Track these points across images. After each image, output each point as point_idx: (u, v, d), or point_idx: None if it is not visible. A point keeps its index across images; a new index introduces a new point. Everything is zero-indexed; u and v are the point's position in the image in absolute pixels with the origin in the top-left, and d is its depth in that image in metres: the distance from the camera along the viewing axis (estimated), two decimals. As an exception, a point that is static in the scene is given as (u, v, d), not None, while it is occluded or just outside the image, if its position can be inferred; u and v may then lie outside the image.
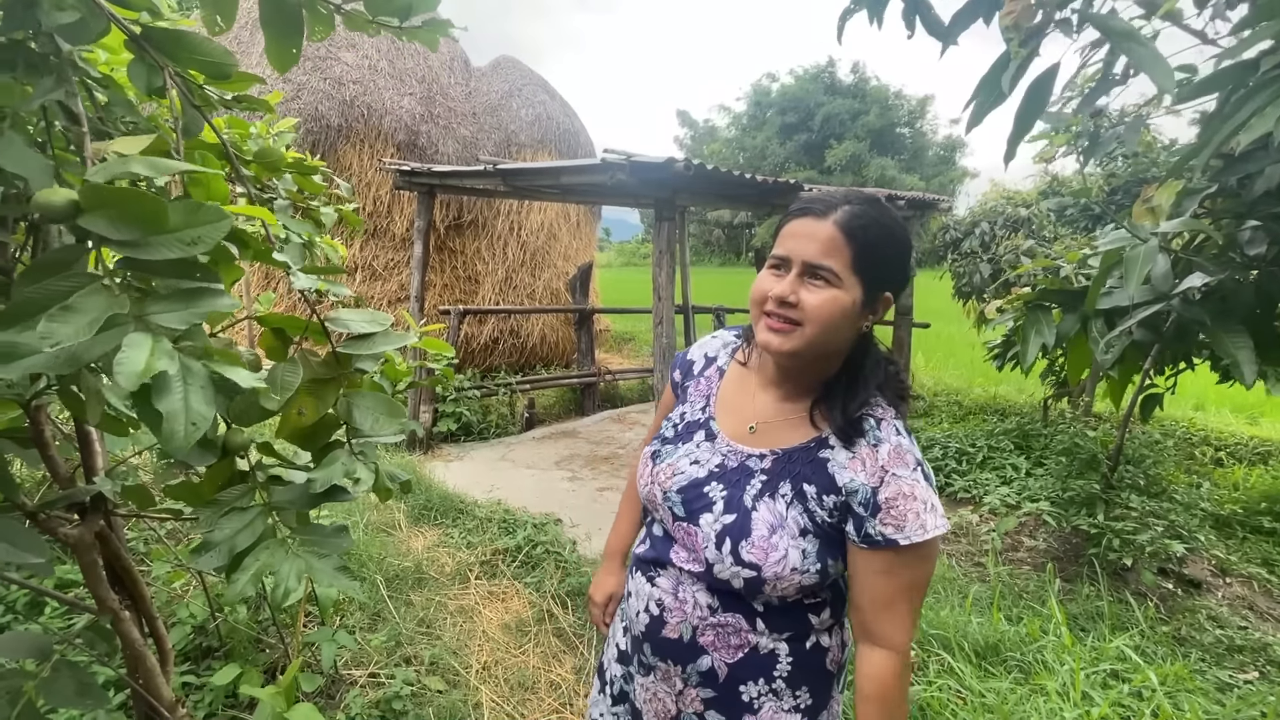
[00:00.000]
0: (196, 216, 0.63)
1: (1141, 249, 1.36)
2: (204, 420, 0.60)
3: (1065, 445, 3.18)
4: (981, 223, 4.39)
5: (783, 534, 0.88)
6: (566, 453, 5.11)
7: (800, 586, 0.88)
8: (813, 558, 0.88)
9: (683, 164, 2.49)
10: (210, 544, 0.87)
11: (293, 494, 0.98)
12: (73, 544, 1.16)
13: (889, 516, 0.84)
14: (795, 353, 0.87)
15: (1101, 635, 2.46)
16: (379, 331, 0.93)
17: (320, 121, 5.79)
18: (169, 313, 0.63)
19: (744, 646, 0.93)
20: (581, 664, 2.51)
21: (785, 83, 37.44)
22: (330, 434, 0.96)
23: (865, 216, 0.85)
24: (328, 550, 0.94)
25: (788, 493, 0.90)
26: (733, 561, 0.89)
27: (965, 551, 3.48)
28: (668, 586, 0.98)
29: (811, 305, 0.85)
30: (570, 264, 7.62)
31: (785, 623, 0.93)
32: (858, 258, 0.85)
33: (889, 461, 0.86)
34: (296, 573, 0.88)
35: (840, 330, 0.87)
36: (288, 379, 0.85)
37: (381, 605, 2.74)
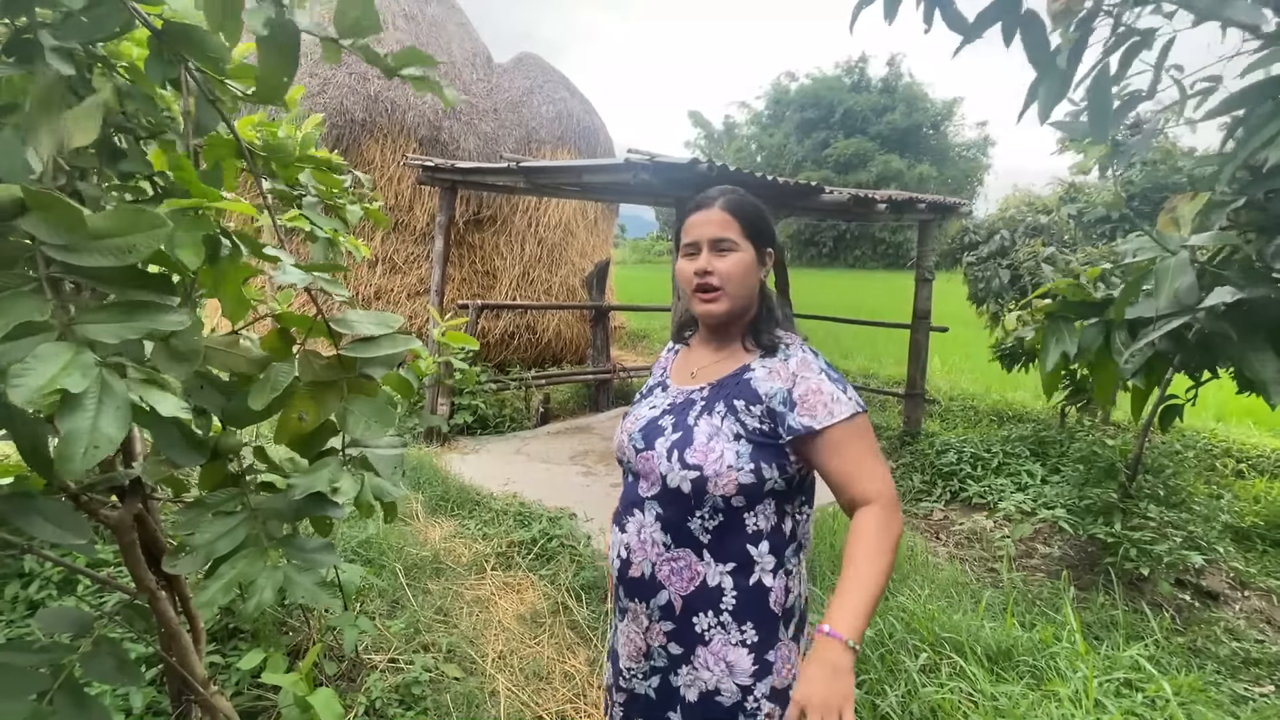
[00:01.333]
0: (133, 223, 0.59)
1: (1172, 261, 1.37)
2: (109, 444, 0.55)
3: (1083, 453, 3.16)
4: (1001, 230, 4.36)
5: (719, 439, 1.07)
6: (581, 448, 5.16)
7: (738, 484, 1.05)
8: (745, 457, 1.06)
9: (706, 165, 2.50)
10: (189, 547, 0.86)
11: (280, 502, 0.96)
12: (113, 525, 1.21)
13: (803, 409, 1.06)
14: (728, 310, 1.14)
15: (1116, 644, 2.45)
16: (385, 334, 0.89)
17: (345, 116, 5.86)
18: (102, 325, 0.59)
19: (694, 579, 1.09)
20: (595, 656, 2.55)
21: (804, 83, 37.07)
22: (328, 440, 0.94)
23: (741, 199, 1.15)
24: (309, 564, 0.92)
25: (722, 409, 1.10)
26: (680, 467, 1.08)
27: (979, 557, 3.48)
28: (633, 530, 1.15)
29: (725, 268, 1.12)
30: (587, 260, 7.66)
31: (728, 551, 1.09)
32: (744, 226, 1.13)
33: (797, 368, 1.10)
34: (273, 584, 0.86)
35: (749, 282, 1.14)
36: (279, 379, 0.83)
37: (400, 593, 2.79)
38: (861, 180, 30.64)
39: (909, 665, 2.10)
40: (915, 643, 2.27)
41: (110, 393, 0.56)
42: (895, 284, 15.41)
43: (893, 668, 2.13)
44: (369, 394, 0.91)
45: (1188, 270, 1.41)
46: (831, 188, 3.56)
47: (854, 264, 31.28)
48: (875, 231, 30.28)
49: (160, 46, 0.85)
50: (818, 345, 1.29)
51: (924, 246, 4.78)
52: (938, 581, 2.96)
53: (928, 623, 2.35)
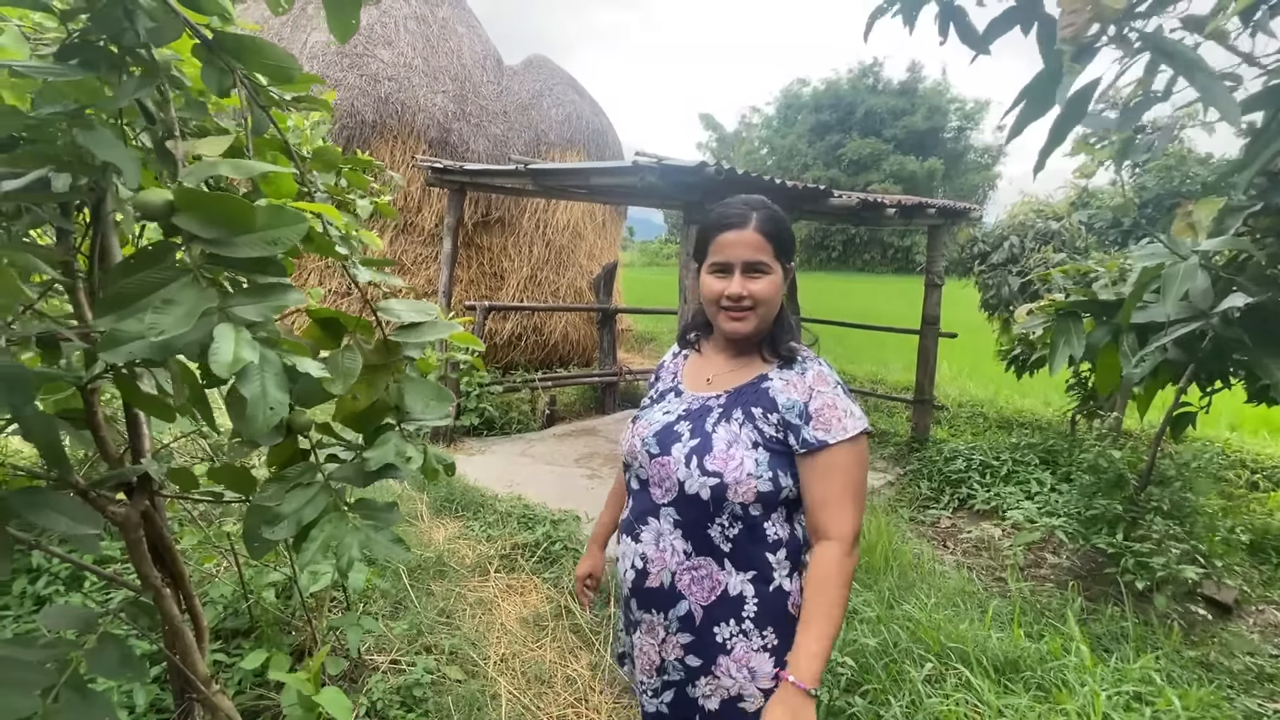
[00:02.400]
0: (279, 218, 0.67)
1: (1181, 266, 1.35)
2: (280, 405, 0.65)
3: (1092, 463, 3.12)
4: (1011, 237, 4.31)
5: (738, 446, 1.08)
6: (586, 450, 5.15)
7: (757, 492, 1.06)
8: (764, 465, 1.07)
9: (714, 168, 2.49)
10: (279, 516, 0.92)
11: (349, 472, 1.03)
12: (120, 522, 1.22)
13: (818, 423, 1.07)
14: (756, 329, 1.15)
15: (1125, 656, 2.42)
16: (426, 321, 0.98)
17: (355, 117, 5.91)
18: (248, 305, 0.67)
19: (716, 588, 1.10)
20: (598, 660, 2.54)
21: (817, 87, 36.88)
22: (382, 418, 1.02)
23: (771, 218, 1.13)
24: (382, 523, 0.99)
25: (740, 416, 1.11)
26: (700, 474, 1.08)
27: (986, 565, 3.44)
28: (649, 539, 1.15)
29: (760, 292, 1.12)
30: (595, 263, 7.66)
31: (749, 560, 1.10)
32: (776, 248, 1.13)
33: (814, 382, 1.11)
34: (359, 544, 0.94)
35: (777, 300, 1.15)
36: (349, 365, 0.90)
37: (404, 594, 2.80)
38: (872, 180, 30.49)
39: (914, 675, 2.08)
40: (921, 652, 2.24)
41: (268, 362, 0.65)
42: (904, 288, 15.34)
43: (897, 677, 2.11)
44: (422, 374, 1.02)
45: (1199, 275, 1.39)
46: (840, 191, 3.54)
47: (863, 268, 31.16)
48: (885, 236, 30.15)
49: (211, 56, 0.89)
50: (825, 350, 1.29)
51: (934, 252, 4.74)
52: (944, 590, 2.93)
53: (934, 632, 2.33)
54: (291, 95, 1.21)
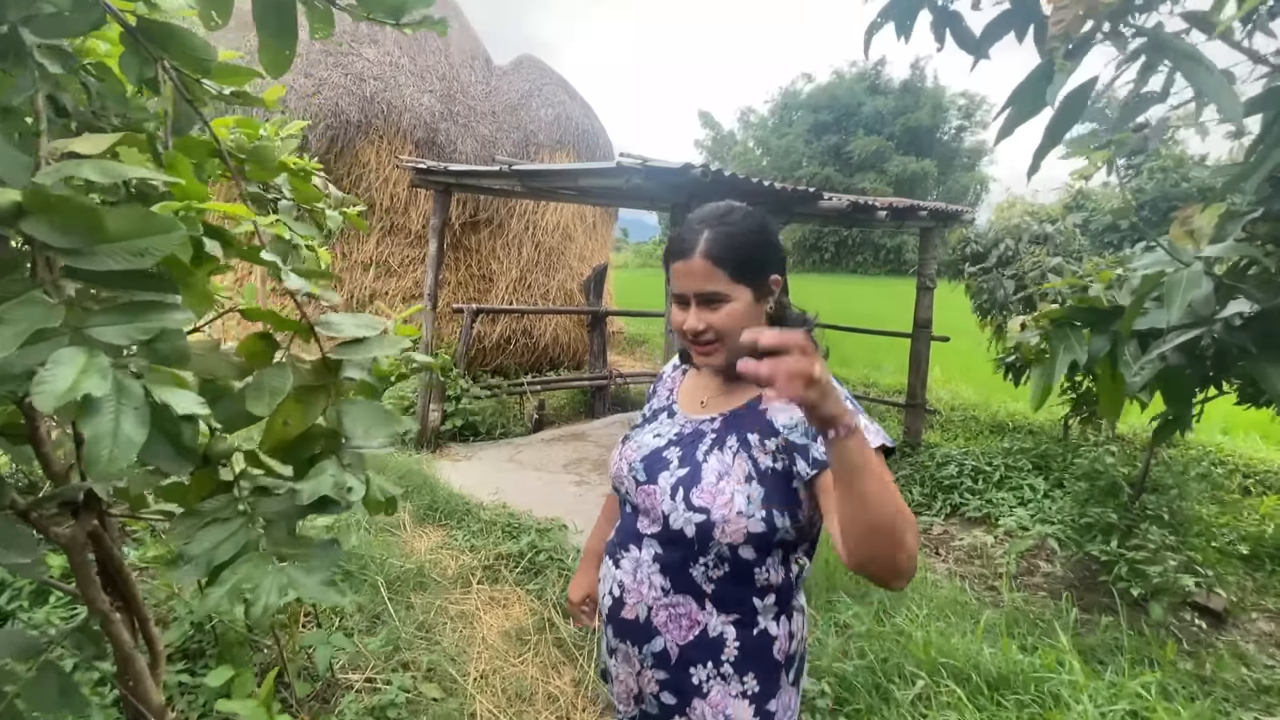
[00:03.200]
0: (145, 225, 0.59)
1: (1185, 273, 1.29)
2: (132, 445, 0.56)
3: (1085, 470, 3.07)
4: (1005, 239, 4.27)
5: (729, 480, 0.96)
6: (575, 456, 5.07)
7: (747, 533, 0.94)
8: (757, 503, 0.95)
9: (699, 170, 2.43)
10: (187, 556, 0.82)
11: (280, 505, 0.93)
12: (64, 543, 1.14)
13: None
14: (727, 361, 1.00)
15: (1120, 669, 2.36)
16: (371, 336, 0.89)
17: (340, 117, 5.80)
18: (111, 327, 0.59)
19: (694, 627, 1.00)
20: (581, 676, 2.46)
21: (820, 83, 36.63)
22: (316, 446, 0.92)
23: (722, 236, 0.98)
24: (316, 565, 0.88)
25: (734, 444, 1.00)
26: (685, 508, 0.97)
27: (978, 574, 3.39)
28: (628, 568, 1.06)
29: (718, 323, 0.98)
30: (585, 265, 7.59)
31: (731, 603, 0.99)
32: (732, 271, 0.97)
33: None
34: (278, 586, 0.83)
35: (749, 326, 0.96)
36: (276, 384, 0.81)
37: (381, 608, 2.71)
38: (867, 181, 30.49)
39: (898, 695, 2.01)
40: (911, 669, 2.18)
41: (128, 394, 0.56)
42: (896, 290, 15.34)
43: (886, 696, 2.04)
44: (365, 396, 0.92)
45: (1202, 282, 1.33)
46: (830, 194, 3.48)
47: (855, 270, 31.21)
48: (877, 238, 30.20)
49: (135, 44, 0.82)
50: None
51: (925, 254, 4.70)
52: (936, 600, 2.87)
53: (925, 647, 2.26)
54: (230, 90, 1.13)
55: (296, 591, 0.82)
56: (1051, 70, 1.25)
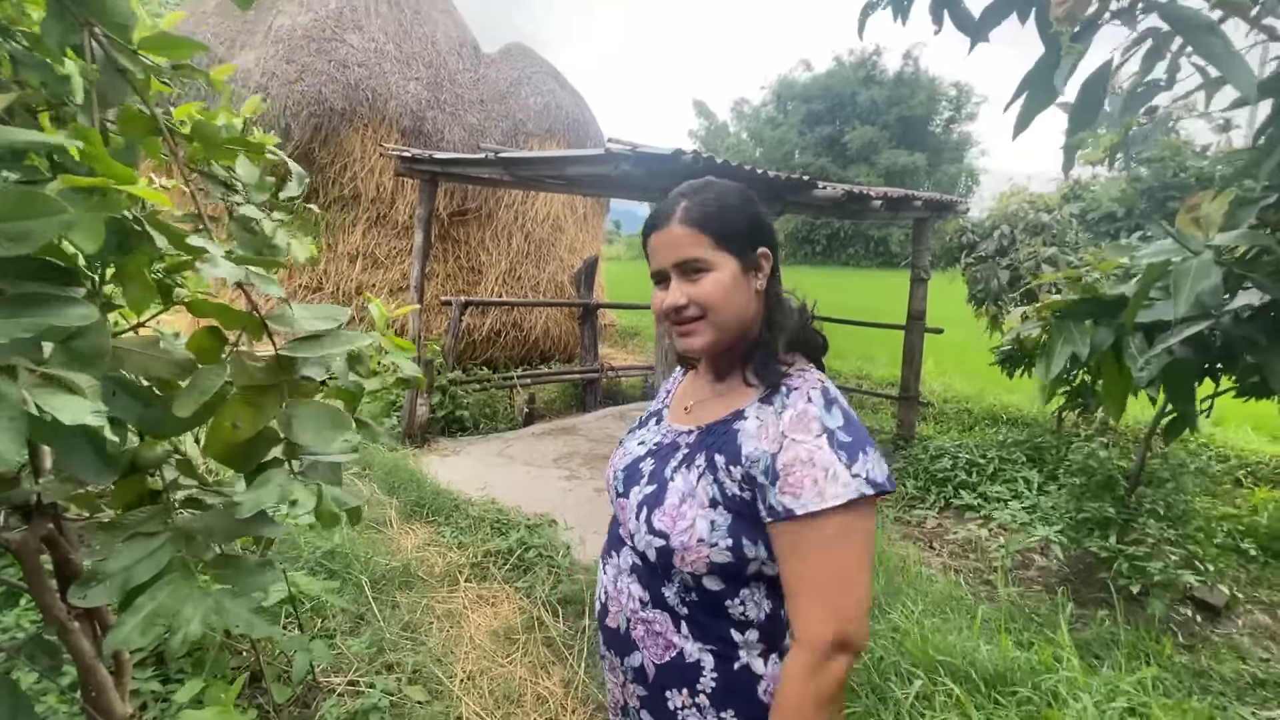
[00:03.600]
0: (27, 207, 0.53)
1: (1194, 262, 1.23)
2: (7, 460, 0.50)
3: (1080, 464, 3.04)
4: (1001, 226, 4.22)
5: (692, 503, 0.88)
6: (565, 450, 5.01)
7: (710, 563, 0.86)
8: (722, 531, 0.85)
9: (690, 156, 2.35)
10: (99, 575, 0.73)
11: (214, 520, 0.86)
12: (15, 549, 1.07)
13: (786, 484, 0.81)
14: (714, 341, 0.92)
15: (1117, 664, 2.33)
16: (329, 331, 0.81)
17: (324, 105, 5.67)
18: None
19: (670, 649, 0.92)
20: (570, 676, 2.40)
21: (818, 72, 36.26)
22: (267, 451, 0.84)
23: (701, 203, 0.91)
24: (246, 588, 0.82)
25: (701, 464, 0.90)
26: (646, 530, 0.90)
27: (974, 568, 3.36)
28: (610, 575, 1.00)
29: (702, 295, 0.89)
30: (576, 257, 7.50)
31: (708, 632, 0.90)
32: (715, 237, 0.89)
33: (789, 426, 0.84)
34: (202, 615, 0.76)
35: (736, 301, 0.91)
36: (207, 383, 0.74)
37: (365, 608, 2.64)
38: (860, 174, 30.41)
39: (897, 695, 1.97)
40: (908, 667, 2.14)
41: (3, 400, 0.51)
42: (888, 282, 15.34)
43: (883, 696, 2.00)
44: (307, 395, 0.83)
45: (1212, 272, 1.27)
46: (825, 183, 3.41)
47: (847, 262, 31.17)
48: (867, 230, 30.17)
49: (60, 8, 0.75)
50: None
51: (919, 245, 4.65)
52: (931, 595, 2.83)
53: (921, 644, 2.22)
54: (171, 64, 1.03)
55: (223, 621, 0.75)
56: (1059, 55, 1.19)
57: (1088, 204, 4.12)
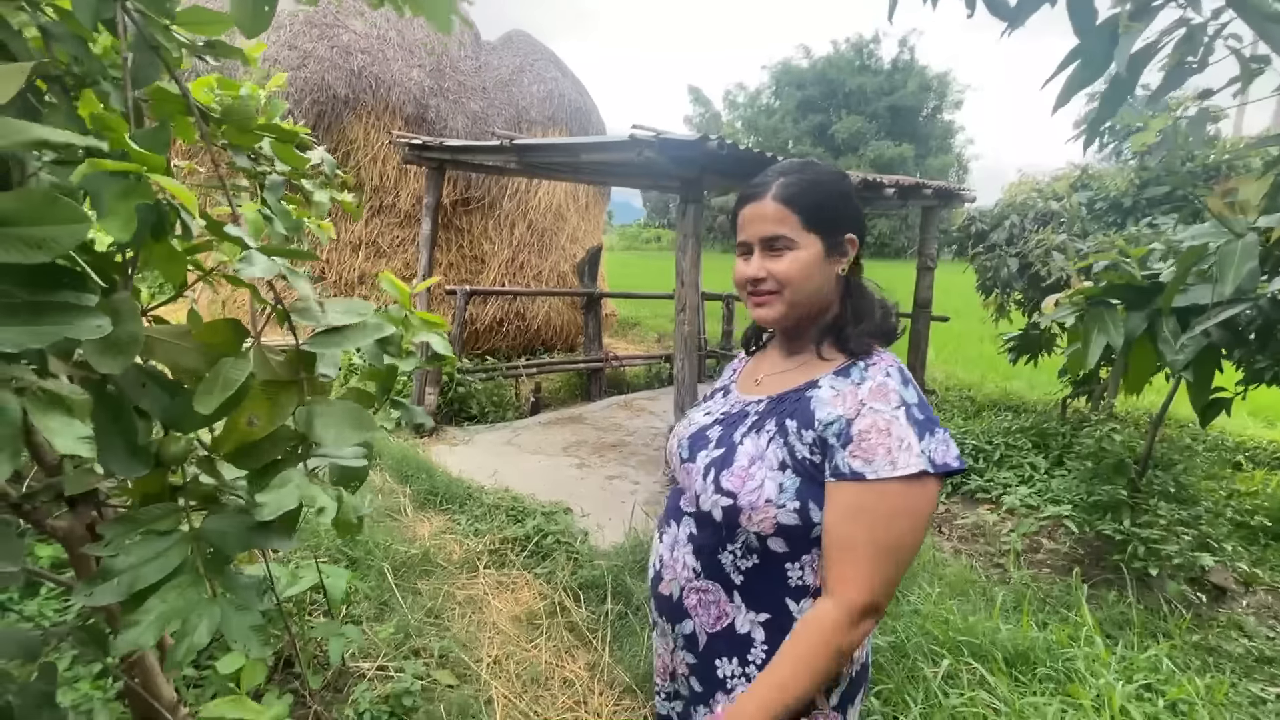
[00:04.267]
0: (48, 213, 0.51)
1: (1239, 244, 1.25)
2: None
3: (1091, 449, 3.08)
4: (1011, 215, 4.25)
5: (761, 465, 0.90)
6: (573, 439, 5.02)
7: (777, 524, 0.88)
8: (790, 493, 0.87)
9: (715, 141, 2.35)
10: (109, 572, 0.69)
11: (228, 523, 0.80)
12: (61, 536, 1.07)
13: (859, 449, 0.83)
14: (784, 315, 0.95)
15: (1130, 644, 2.39)
16: (354, 324, 0.78)
17: (326, 92, 5.61)
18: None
19: (722, 618, 0.94)
20: (595, 660, 2.43)
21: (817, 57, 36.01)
22: (280, 450, 0.79)
23: (798, 182, 0.94)
24: (245, 602, 0.77)
25: (772, 428, 0.92)
26: (714, 490, 0.92)
27: (984, 552, 3.41)
28: (668, 543, 1.02)
29: (780, 271, 0.93)
30: (578, 246, 7.48)
31: (762, 600, 0.92)
32: (805, 218, 0.92)
33: (869, 396, 0.87)
34: (210, 624, 0.71)
35: (815, 281, 0.94)
36: (231, 375, 0.70)
37: (389, 595, 2.65)
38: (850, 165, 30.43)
39: (927, 673, 2.01)
40: (933, 647, 2.18)
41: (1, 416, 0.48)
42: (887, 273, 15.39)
43: (911, 674, 2.04)
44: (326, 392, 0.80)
45: (1255, 254, 1.29)
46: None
47: (843, 253, 31.24)
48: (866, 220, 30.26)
49: None
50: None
51: (927, 234, 4.67)
52: (946, 578, 2.88)
53: (943, 625, 2.27)
54: (204, 40, 1.01)
55: (224, 632, 0.72)
56: (1114, 31, 1.20)
57: (1095, 192, 4.14)
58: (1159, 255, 1.68)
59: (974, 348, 8.36)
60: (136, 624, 0.68)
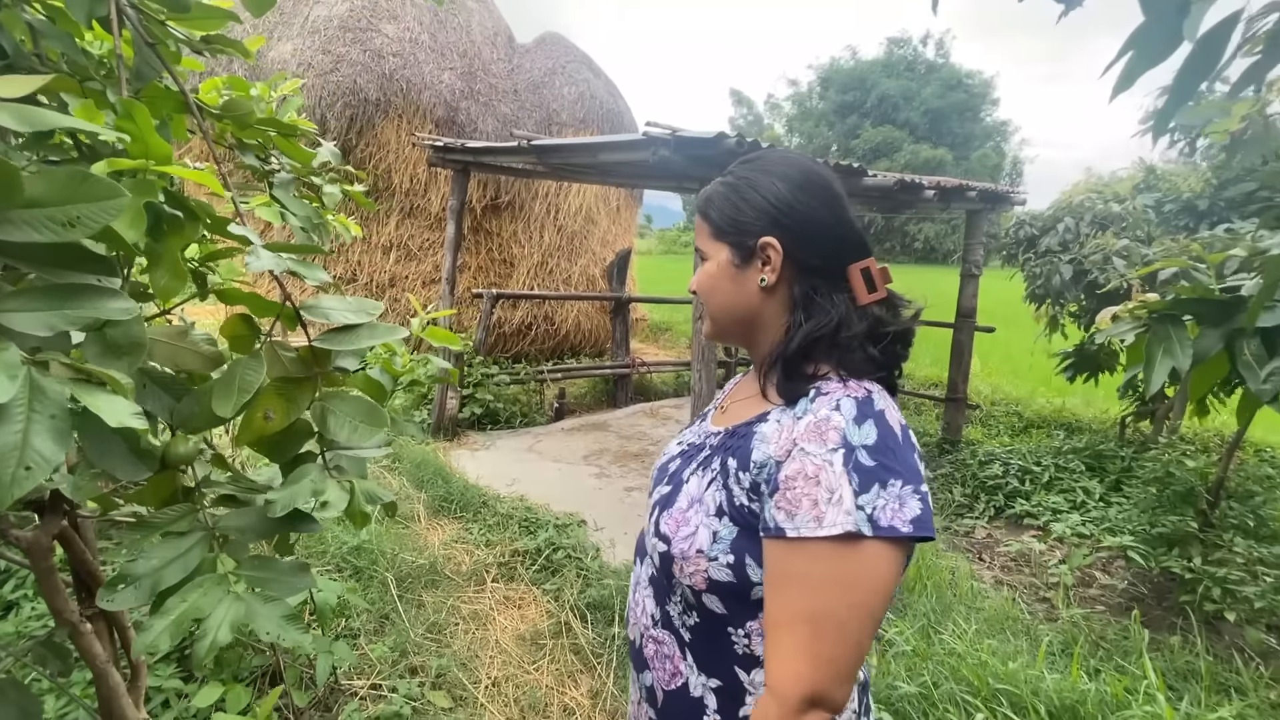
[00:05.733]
0: (78, 190, 0.50)
1: (1349, 252, 1.03)
2: (44, 465, 0.46)
3: (1157, 474, 2.79)
4: (1065, 218, 3.93)
5: (698, 509, 0.78)
6: (596, 447, 4.91)
7: (709, 579, 0.75)
8: (724, 545, 0.74)
9: (734, 140, 2.20)
10: (129, 577, 0.71)
11: (247, 519, 0.82)
12: (26, 547, 1.01)
13: (784, 499, 0.68)
14: (711, 332, 0.88)
15: (1197, 699, 2.12)
16: (364, 323, 0.79)
17: (358, 95, 5.66)
18: (28, 313, 0.50)
19: (677, 676, 0.82)
20: (599, 687, 2.30)
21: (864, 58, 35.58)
22: (302, 443, 0.81)
23: (716, 187, 0.84)
24: (279, 592, 0.77)
25: (715, 467, 0.80)
26: (653, 531, 0.83)
27: (1028, 584, 3.14)
28: (632, 581, 0.94)
29: (693, 283, 0.88)
30: (608, 250, 7.38)
31: (711, 664, 0.79)
32: (713, 224, 0.84)
33: (803, 434, 0.70)
34: (232, 620, 0.71)
35: (722, 294, 0.83)
36: (248, 378, 0.71)
37: (390, 607, 2.57)
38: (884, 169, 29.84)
39: (961, 727, 1.80)
40: (965, 695, 1.96)
41: (43, 397, 0.47)
42: (927, 279, 14.86)
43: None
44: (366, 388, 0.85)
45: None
46: (875, 171, 3.21)
47: (882, 258, 30.46)
48: (904, 224, 29.39)
49: None
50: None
51: (972, 239, 4.39)
52: (985, 613, 2.64)
53: (979, 670, 2.04)
54: (201, 36, 0.97)
55: (253, 626, 0.72)
56: (1186, 3, 1.01)
57: (1164, 194, 3.75)
58: (1237, 265, 1.44)
59: (1023, 360, 7.91)
60: (153, 626, 0.69)
